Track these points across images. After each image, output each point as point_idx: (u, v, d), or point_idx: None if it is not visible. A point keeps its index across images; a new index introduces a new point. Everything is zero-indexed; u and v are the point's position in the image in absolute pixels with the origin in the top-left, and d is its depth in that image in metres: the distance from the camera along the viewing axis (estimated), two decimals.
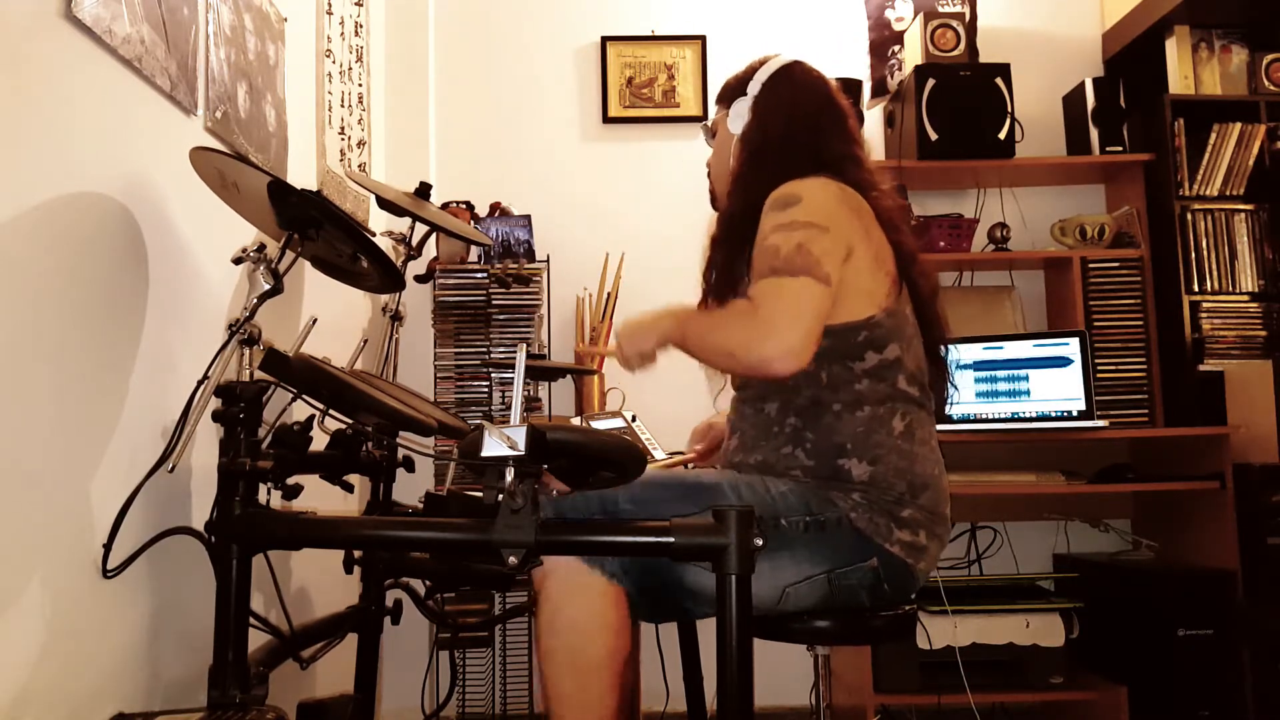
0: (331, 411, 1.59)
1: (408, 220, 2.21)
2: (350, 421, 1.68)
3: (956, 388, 1.61)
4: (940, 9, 3.13)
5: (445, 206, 2.84)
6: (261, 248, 1.47)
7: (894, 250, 1.49)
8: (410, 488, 2.25)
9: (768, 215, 1.43)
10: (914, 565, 1.42)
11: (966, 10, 3.12)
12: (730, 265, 1.49)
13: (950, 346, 1.59)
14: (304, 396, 1.51)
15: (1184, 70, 2.95)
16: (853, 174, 1.52)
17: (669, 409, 2.70)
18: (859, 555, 1.39)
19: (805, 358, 1.31)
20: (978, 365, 2.72)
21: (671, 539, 1.22)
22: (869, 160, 1.60)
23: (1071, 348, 2.66)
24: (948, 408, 1.61)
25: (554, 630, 1.37)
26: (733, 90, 1.63)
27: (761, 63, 1.62)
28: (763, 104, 1.58)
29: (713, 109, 1.72)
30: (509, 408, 2.66)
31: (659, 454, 2.17)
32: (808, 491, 1.41)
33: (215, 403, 1.39)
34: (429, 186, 2.13)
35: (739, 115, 1.60)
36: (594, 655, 1.34)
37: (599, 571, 1.35)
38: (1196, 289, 2.79)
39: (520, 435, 1.15)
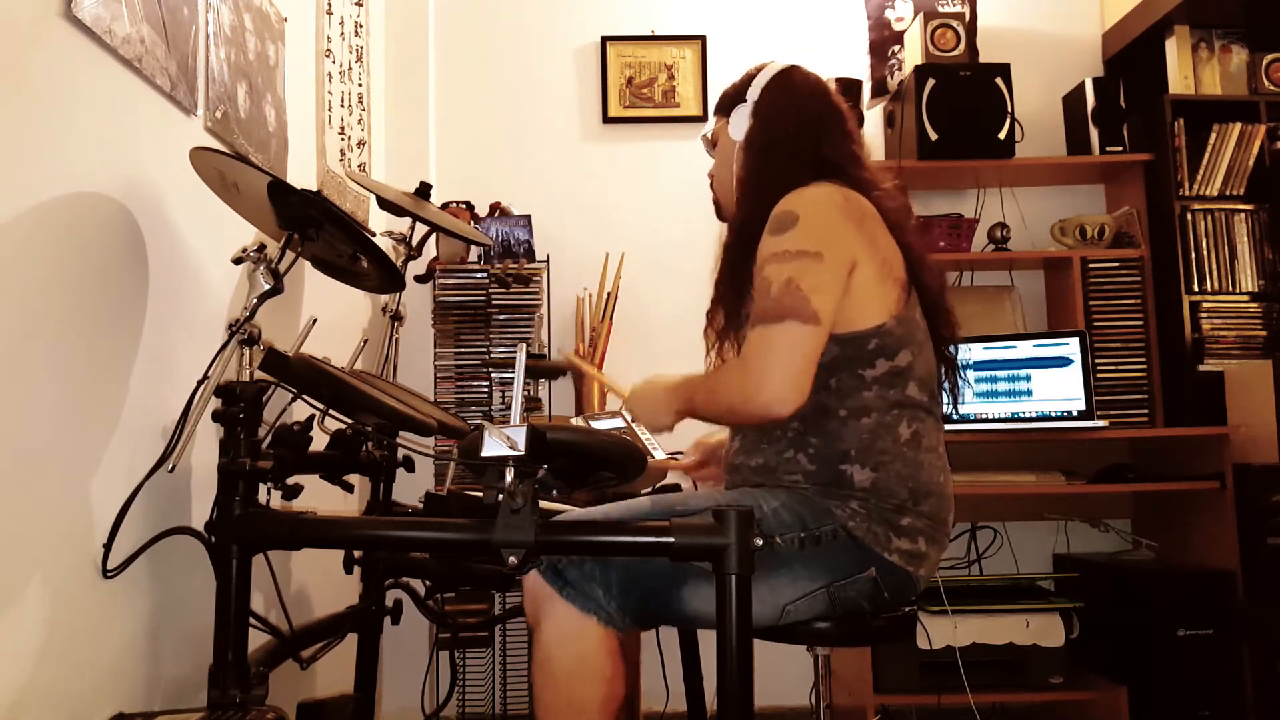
0: (331, 411, 1.59)
1: (408, 220, 2.21)
2: (350, 421, 1.68)
3: (969, 384, 1.61)
4: (940, 9, 3.13)
5: (445, 206, 2.84)
6: (261, 248, 1.47)
7: (902, 253, 1.49)
8: (410, 488, 2.25)
9: (765, 238, 1.43)
10: (914, 572, 1.42)
11: (966, 10, 3.12)
12: (740, 271, 1.49)
13: (957, 348, 1.59)
14: (304, 396, 1.51)
15: (1184, 70, 2.95)
16: (855, 174, 1.52)
17: None
18: (857, 566, 1.38)
19: (800, 400, 1.36)
20: (978, 365, 2.72)
21: (671, 539, 1.22)
22: (870, 159, 1.61)
23: (1071, 348, 2.66)
24: (959, 405, 1.61)
25: (548, 678, 1.36)
26: (731, 99, 1.63)
27: (759, 69, 1.62)
28: (764, 108, 1.57)
29: (711, 119, 1.71)
30: (509, 408, 2.66)
31: (658, 454, 2.17)
32: (802, 504, 1.40)
33: (215, 403, 1.39)
34: (429, 186, 2.13)
35: (740, 121, 1.59)
36: (590, 704, 1.34)
37: (594, 619, 1.34)
38: (1196, 289, 2.79)
39: (520, 435, 1.15)
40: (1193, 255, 2.80)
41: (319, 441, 1.64)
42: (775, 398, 1.34)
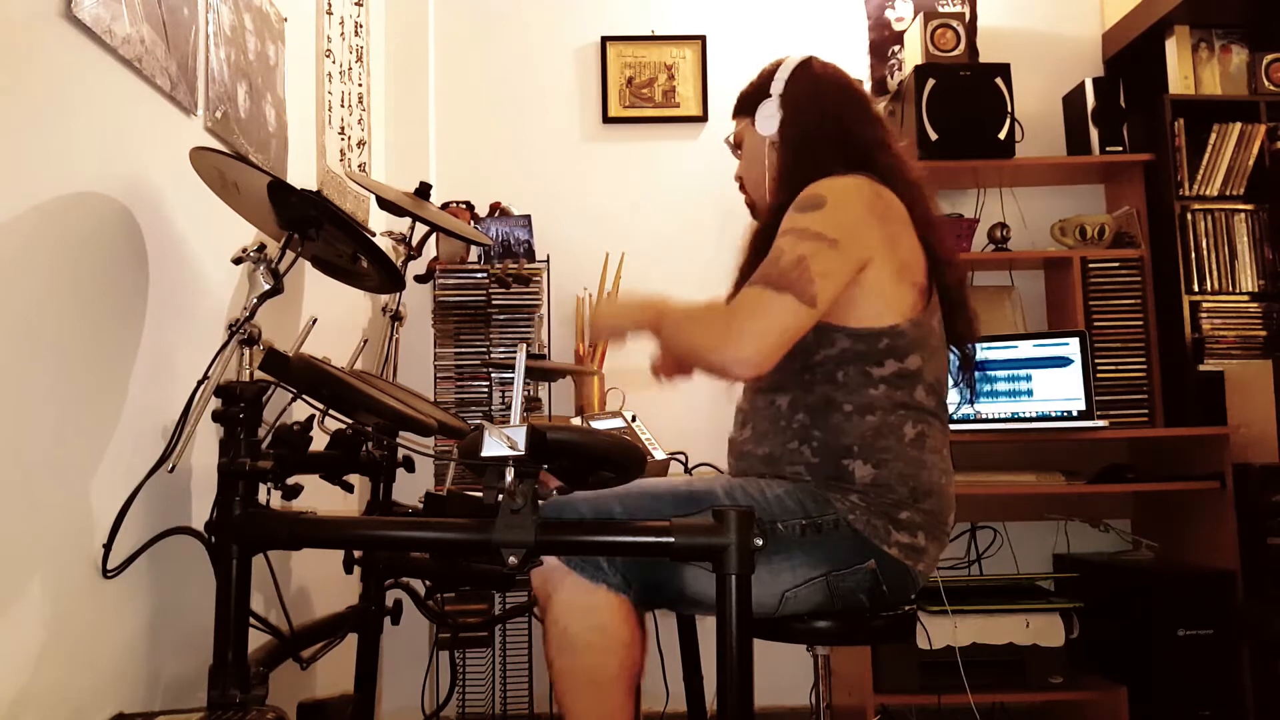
0: (331, 411, 1.59)
1: (408, 220, 2.21)
2: (350, 421, 1.68)
3: (984, 379, 1.61)
4: (940, 9, 3.13)
5: (445, 206, 2.84)
6: (261, 248, 1.47)
7: (926, 254, 1.48)
8: (410, 488, 2.25)
9: (791, 212, 1.43)
10: (912, 567, 1.42)
11: (966, 10, 3.12)
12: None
13: (975, 346, 1.60)
14: (304, 396, 1.51)
15: (1184, 70, 2.95)
16: (884, 160, 1.52)
17: (669, 409, 2.71)
18: (857, 557, 1.39)
19: (762, 369, 1.36)
20: (978, 365, 2.72)
21: (671, 539, 1.22)
22: (897, 142, 1.59)
23: (1071, 348, 2.66)
24: (972, 405, 1.63)
25: (566, 650, 1.37)
26: (752, 97, 1.63)
27: (777, 65, 1.62)
28: (791, 99, 1.58)
29: (730, 123, 1.70)
30: (509, 408, 2.66)
31: (659, 454, 2.18)
32: (804, 493, 1.40)
33: (215, 403, 1.39)
34: (429, 186, 2.13)
35: (768, 116, 1.59)
36: (609, 671, 1.35)
37: (603, 587, 1.36)
38: (1196, 289, 2.79)
39: (520, 435, 1.15)
40: (1193, 255, 2.80)
41: (319, 441, 1.64)
42: (742, 358, 1.34)
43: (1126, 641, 2.55)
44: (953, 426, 2.60)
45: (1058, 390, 2.66)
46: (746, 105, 1.65)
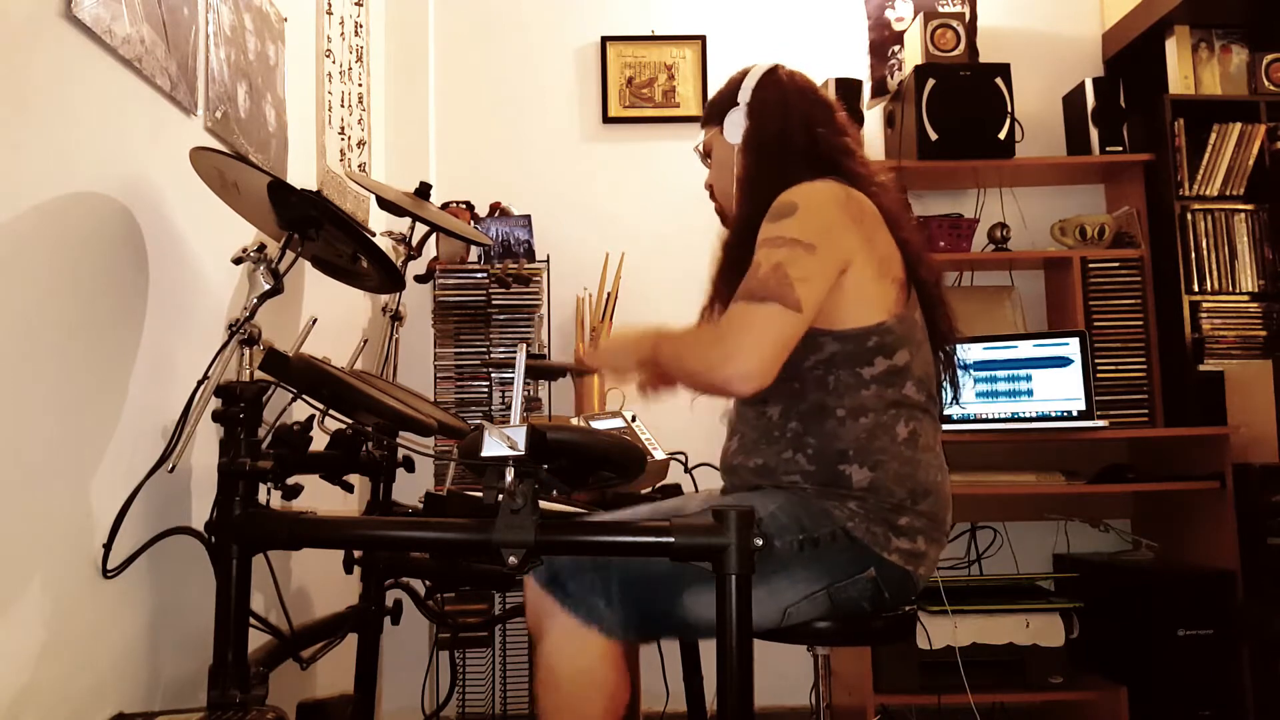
0: (331, 411, 1.59)
1: (408, 220, 2.21)
2: (350, 421, 1.68)
3: (970, 374, 1.60)
4: (940, 9, 3.13)
5: (445, 206, 2.84)
6: (261, 248, 1.47)
7: (901, 251, 1.49)
8: (410, 488, 2.25)
9: (765, 222, 1.44)
10: (913, 571, 1.42)
11: (966, 10, 3.12)
12: (739, 269, 1.49)
13: (956, 345, 1.60)
14: (304, 396, 1.51)
15: (1184, 70, 2.96)
16: (850, 166, 1.53)
17: (669, 409, 2.70)
18: (856, 567, 1.39)
19: (765, 381, 1.35)
20: (978, 365, 2.72)
21: (671, 539, 1.21)
22: (862, 150, 1.61)
23: (1071, 348, 2.66)
24: (956, 404, 1.62)
25: (551, 690, 1.38)
26: (721, 106, 1.64)
27: (744, 73, 1.64)
28: (757, 107, 1.59)
29: (700, 132, 1.72)
30: (509, 408, 2.66)
31: (658, 454, 2.17)
32: (799, 507, 1.40)
33: (215, 403, 1.39)
34: (429, 186, 2.13)
35: (735, 125, 1.60)
36: (590, 716, 1.35)
37: (596, 630, 1.35)
38: (1196, 289, 2.79)
39: (520, 435, 1.15)
40: (1193, 255, 2.80)
41: (319, 441, 1.64)
42: (740, 373, 1.34)
43: (1126, 641, 2.55)
44: (954, 427, 2.63)
45: (1058, 390, 2.66)
46: (715, 114, 1.65)
